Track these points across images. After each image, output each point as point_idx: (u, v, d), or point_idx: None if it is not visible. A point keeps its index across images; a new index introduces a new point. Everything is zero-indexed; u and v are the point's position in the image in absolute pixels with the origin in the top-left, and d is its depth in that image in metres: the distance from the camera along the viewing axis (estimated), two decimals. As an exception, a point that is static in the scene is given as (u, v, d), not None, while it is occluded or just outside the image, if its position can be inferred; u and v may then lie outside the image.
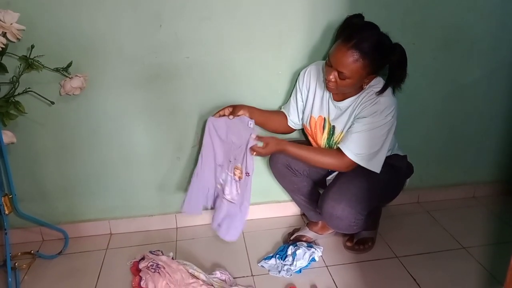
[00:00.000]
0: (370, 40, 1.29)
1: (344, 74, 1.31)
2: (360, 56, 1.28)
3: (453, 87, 1.82)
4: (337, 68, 1.32)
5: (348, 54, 1.28)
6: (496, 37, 1.75)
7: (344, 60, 1.29)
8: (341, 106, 1.45)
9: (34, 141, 1.59)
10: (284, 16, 1.54)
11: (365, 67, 1.30)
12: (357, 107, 1.41)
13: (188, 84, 1.60)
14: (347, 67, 1.30)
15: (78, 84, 1.44)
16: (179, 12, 1.47)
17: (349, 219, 1.41)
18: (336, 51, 1.32)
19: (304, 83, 1.54)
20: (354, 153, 1.39)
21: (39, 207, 1.70)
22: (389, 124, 1.38)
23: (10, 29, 1.30)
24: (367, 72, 1.33)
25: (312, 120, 1.55)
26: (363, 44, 1.28)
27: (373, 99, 1.37)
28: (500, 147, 2.00)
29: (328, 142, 1.53)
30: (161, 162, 1.72)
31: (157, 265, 1.47)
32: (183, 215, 1.83)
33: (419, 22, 1.65)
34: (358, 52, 1.28)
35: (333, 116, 1.49)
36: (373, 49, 1.29)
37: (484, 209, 1.98)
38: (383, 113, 1.36)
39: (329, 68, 1.35)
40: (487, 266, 1.56)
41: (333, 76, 1.34)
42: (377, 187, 1.46)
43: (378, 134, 1.38)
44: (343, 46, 1.29)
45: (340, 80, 1.34)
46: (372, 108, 1.37)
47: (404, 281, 1.50)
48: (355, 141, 1.39)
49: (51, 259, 1.65)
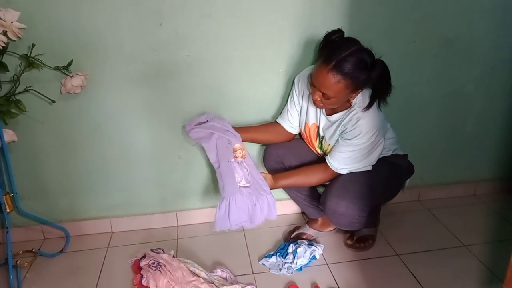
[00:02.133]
0: (350, 60, 1.26)
1: (328, 95, 1.31)
2: (341, 77, 1.27)
3: (454, 85, 1.82)
4: (320, 90, 1.32)
5: (329, 77, 1.27)
6: (497, 35, 1.75)
7: (326, 83, 1.29)
8: (331, 120, 1.46)
9: (35, 139, 1.59)
10: (284, 13, 1.54)
11: (348, 86, 1.29)
12: (342, 124, 1.42)
13: (189, 82, 1.60)
14: (330, 89, 1.29)
15: (79, 83, 1.44)
16: (180, 9, 1.47)
17: (352, 216, 1.42)
18: (317, 74, 1.31)
19: (299, 88, 1.54)
20: (337, 168, 1.44)
21: (40, 206, 1.70)
22: (373, 144, 1.39)
23: (11, 27, 1.30)
24: (351, 90, 1.32)
25: (307, 127, 1.56)
26: (342, 65, 1.25)
27: (355, 121, 1.37)
28: (501, 144, 2.00)
29: (320, 147, 1.56)
30: (162, 160, 1.72)
31: (158, 263, 1.47)
32: (184, 213, 1.84)
33: (420, 20, 1.65)
34: (338, 74, 1.26)
35: (323, 126, 1.51)
36: (353, 68, 1.26)
37: (485, 207, 1.98)
38: (365, 136, 1.37)
39: (313, 88, 1.35)
40: (487, 264, 1.57)
41: (318, 96, 1.34)
42: (379, 184, 1.47)
43: (362, 152, 1.40)
44: (323, 68, 1.28)
45: (326, 100, 1.34)
46: (353, 132, 1.38)
47: (405, 279, 1.50)
48: (339, 159, 1.43)
49: (52, 257, 1.65)
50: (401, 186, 1.63)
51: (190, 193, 1.82)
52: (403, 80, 1.69)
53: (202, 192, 1.83)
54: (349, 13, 1.55)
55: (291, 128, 1.61)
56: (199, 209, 1.85)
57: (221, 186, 1.37)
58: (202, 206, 1.85)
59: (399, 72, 1.58)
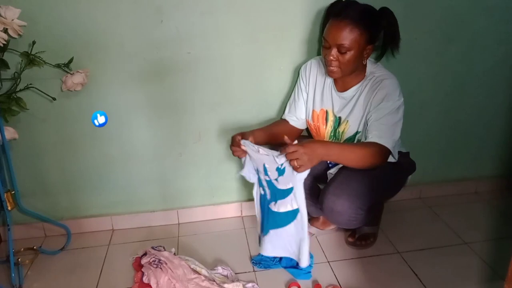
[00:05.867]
0: (358, 10, 1.34)
1: (344, 46, 1.32)
2: (354, 25, 1.31)
3: (456, 82, 1.82)
4: (336, 42, 1.33)
5: (342, 26, 1.31)
6: (499, 32, 1.74)
7: (341, 33, 1.31)
8: (346, 96, 1.47)
9: (36, 137, 1.59)
10: (285, 10, 1.54)
11: (362, 34, 1.32)
12: (362, 94, 1.42)
13: (189, 79, 1.59)
14: (346, 38, 1.32)
15: (80, 80, 1.44)
16: (180, 6, 1.47)
17: (349, 214, 1.41)
18: (330, 28, 1.34)
19: (306, 77, 1.55)
20: (390, 141, 1.36)
21: (41, 203, 1.70)
22: (401, 105, 1.41)
23: (12, 25, 1.30)
24: (365, 40, 1.34)
25: (314, 114, 1.55)
26: (353, 14, 1.32)
27: (378, 83, 1.40)
28: (502, 142, 2.00)
29: (334, 134, 1.54)
30: (163, 157, 1.72)
31: (159, 261, 1.47)
32: (185, 211, 1.84)
33: (422, 16, 1.65)
34: (351, 22, 1.31)
35: (338, 108, 1.50)
36: (363, 16, 1.33)
37: (486, 204, 1.98)
38: (394, 95, 1.38)
39: (327, 50, 1.36)
40: (488, 262, 1.56)
41: (334, 54, 1.35)
42: (378, 182, 1.46)
43: (396, 118, 1.39)
44: (335, 21, 1.33)
45: (342, 56, 1.34)
46: (381, 92, 1.38)
47: (406, 277, 1.50)
48: (381, 130, 1.35)
49: (53, 254, 1.66)
50: (402, 184, 1.63)
51: (191, 190, 1.82)
52: (405, 78, 1.68)
53: (203, 189, 1.83)
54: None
55: (297, 123, 1.60)
56: (200, 207, 1.85)
57: None
58: (203, 203, 1.85)
59: (400, 70, 1.58)
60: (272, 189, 1.37)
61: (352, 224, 1.48)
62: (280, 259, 1.54)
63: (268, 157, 1.30)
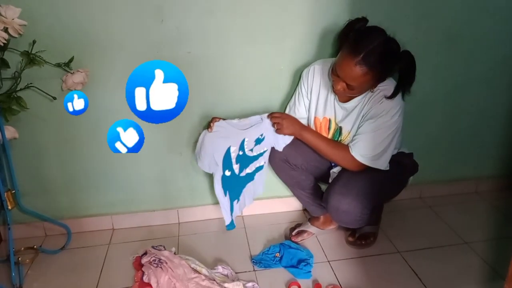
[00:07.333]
0: (378, 51, 1.25)
1: (353, 86, 1.31)
2: (368, 70, 1.26)
3: (456, 82, 1.81)
4: (346, 81, 1.31)
5: (356, 69, 1.26)
6: (500, 32, 1.74)
7: (353, 74, 1.27)
8: (348, 107, 1.46)
9: (36, 136, 1.59)
10: (286, 9, 1.53)
11: (374, 77, 1.30)
12: (365, 106, 1.41)
13: (190, 79, 1.58)
14: (356, 80, 1.29)
15: (80, 79, 1.44)
16: (181, 6, 1.47)
17: (355, 213, 1.41)
18: (343, 65, 1.28)
19: (308, 84, 1.53)
20: (360, 154, 1.41)
21: (41, 202, 1.70)
22: (395, 123, 1.39)
23: (12, 24, 1.30)
24: (376, 81, 1.33)
25: (317, 121, 1.55)
26: (371, 57, 1.24)
27: (380, 98, 1.38)
28: (503, 142, 2.00)
29: (336, 139, 1.54)
30: (163, 157, 1.72)
31: (160, 260, 1.47)
32: (185, 210, 1.84)
33: (422, 16, 1.64)
34: (366, 66, 1.25)
35: (340, 118, 1.49)
36: (381, 61, 1.27)
37: (487, 204, 1.98)
38: (390, 113, 1.37)
39: (336, 78, 1.33)
40: (489, 261, 1.56)
41: (341, 87, 1.33)
42: (382, 182, 1.47)
43: (384, 134, 1.39)
44: (350, 60, 1.26)
45: (349, 90, 1.33)
46: (379, 107, 1.37)
47: (406, 276, 1.50)
48: (361, 143, 1.41)
49: (54, 254, 1.66)
50: (404, 185, 1.63)
51: (192, 190, 1.82)
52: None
53: (203, 189, 1.82)
54: (350, 9, 1.54)
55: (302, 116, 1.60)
56: (200, 206, 1.85)
57: None
58: (203, 203, 1.85)
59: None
60: (242, 161, 1.54)
61: (357, 224, 1.48)
62: (281, 259, 1.54)
63: (250, 129, 1.48)
